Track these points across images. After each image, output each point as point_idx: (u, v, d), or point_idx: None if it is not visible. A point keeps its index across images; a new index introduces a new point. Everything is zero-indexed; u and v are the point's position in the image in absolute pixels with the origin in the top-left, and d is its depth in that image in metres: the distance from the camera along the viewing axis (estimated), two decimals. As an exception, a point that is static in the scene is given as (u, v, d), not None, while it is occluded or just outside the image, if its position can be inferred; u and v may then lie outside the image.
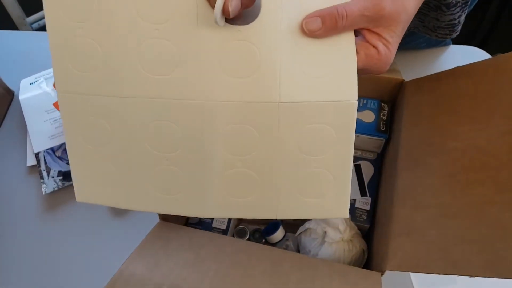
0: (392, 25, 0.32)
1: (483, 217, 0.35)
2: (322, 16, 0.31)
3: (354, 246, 0.47)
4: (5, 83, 0.69)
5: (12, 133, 0.67)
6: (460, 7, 0.55)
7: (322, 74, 0.32)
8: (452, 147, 0.41)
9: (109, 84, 0.33)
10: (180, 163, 0.35)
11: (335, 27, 0.31)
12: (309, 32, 0.32)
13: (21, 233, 0.58)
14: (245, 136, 0.34)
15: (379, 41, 0.33)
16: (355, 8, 0.31)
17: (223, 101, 0.33)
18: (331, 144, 0.34)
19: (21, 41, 0.79)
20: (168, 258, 0.38)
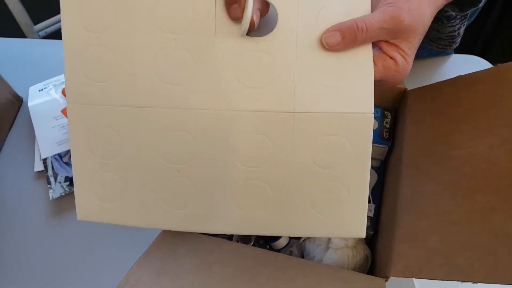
0: (410, 36, 0.33)
1: (486, 224, 0.36)
2: (342, 31, 0.31)
3: (358, 252, 0.48)
4: (14, 90, 0.70)
5: (21, 139, 0.68)
6: (460, 19, 0.56)
7: (338, 86, 0.32)
8: (454, 155, 0.41)
9: (122, 93, 0.33)
10: (191, 175, 0.34)
11: (354, 40, 0.31)
12: (328, 47, 0.32)
13: (28, 237, 0.59)
14: (259, 147, 0.33)
15: (397, 53, 0.33)
16: (374, 21, 0.31)
17: (238, 110, 0.33)
18: (347, 158, 0.33)
19: (29, 49, 0.81)
20: (175, 264, 0.38)
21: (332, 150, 0.33)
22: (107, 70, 0.33)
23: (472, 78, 0.44)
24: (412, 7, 0.32)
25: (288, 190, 0.34)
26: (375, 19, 0.31)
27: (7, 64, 0.70)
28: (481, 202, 0.37)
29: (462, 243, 0.36)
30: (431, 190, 0.41)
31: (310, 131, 0.33)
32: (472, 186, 0.38)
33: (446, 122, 0.44)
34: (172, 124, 0.34)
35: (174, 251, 0.40)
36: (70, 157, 0.64)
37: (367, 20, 0.31)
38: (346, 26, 0.31)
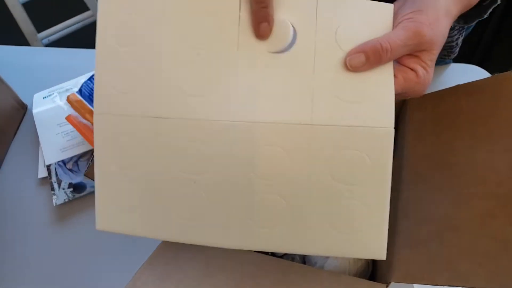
0: (433, 48, 0.33)
1: (485, 229, 0.36)
2: (366, 52, 0.31)
3: (359, 259, 0.48)
4: (19, 97, 0.71)
5: (25, 146, 0.69)
6: (458, 30, 0.57)
7: (357, 100, 0.32)
8: (454, 162, 0.42)
9: (146, 105, 0.34)
10: (207, 187, 0.34)
11: (379, 61, 0.31)
12: (352, 68, 0.32)
13: (31, 243, 0.59)
14: (276, 159, 0.33)
15: (418, 65, 0.33)
16: (398, 40, 0.31)
17: (255, 122, 0.33)
18: (366, 173, 0.33)
19: (34, 57, 0.82)
20: (179, 269, 0.39)
21: (351, 165, 0.33)
22: (132, 82, 0.34)
23: (472, 87, 0.45)
24: (432, 20, 0.32)
25: (305, 205, 0.34)
26: (400, 38, 0.31)
27: (12, 71, 0.71)
28: (481, 208, 0.37)
29: (462, 249, 0.37)
30: (432, 197, 0.42)
31: (328, 145, 0.32)
32: (472, 192, 0.39)
33: (446, 130, 0.44)
34: (190, 135, 0.34)
35: (177, 257, 0.40)
36: (73, 164, 0.65)
37: (392, 40, 0.31)
38: (369, 47, 0.31)
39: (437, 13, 0.33)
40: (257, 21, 0.32)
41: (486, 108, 0.42)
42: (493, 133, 0.40)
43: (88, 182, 0.63)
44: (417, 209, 0.42)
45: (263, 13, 0.32)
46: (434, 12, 0.33)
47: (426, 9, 0.33)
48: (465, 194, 0.39)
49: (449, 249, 0.38)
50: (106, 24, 0.35)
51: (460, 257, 0.37)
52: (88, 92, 0.65)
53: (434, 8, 0.33)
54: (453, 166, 0.42)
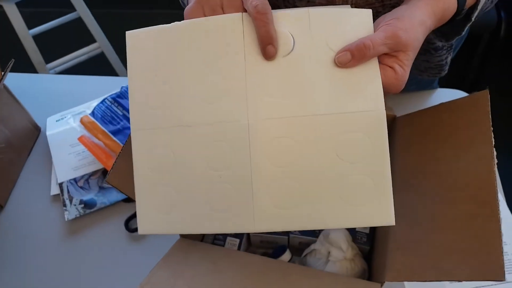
0: (408, 50, 0.39)
1: (468, 229, 0.40)
2: (351, 50, 0.37)
3: (356, 265, 0.51)
4: (34, 120, 0.75)
5: (38, 165, 0.73)
6: (447, 49, 0.63)
7: (351, 90, 0.38)
8: (439, 170, 0.46)
9: (175, 116, 0.40)
10: (232, 179, 0.39)
11: (363, 57, 0.37)
12: (341, 65, 0.38)
13: (44, 255, 0.62)
14: (287, 148, 0.38)
15: (395, 63, 0.39)
16: (378, 39, 0.37)
17: (266, 119, 0.39)
18: (367, 150, 0.38)
19: (45, 83, 0.87)
20: (190, 268, 0.42)
21: (353, 145, 0.38)
22: (161, 99, 0.40)
23: (453, 104, 0.50)
24: (407, 27, 0.39)
25: (317, 185, 0.38)
26: (380, 37, 0.37)
27: (25, 96, 0.75)
28: (464, 210, 0.41)
29: (448, 248, 0.41)
30: (420, 203, 0.46)
31: (331, 130, 0.38)
32: (455, 196, 0.43)
33: (431, 142, 0.49)
34: (213, 136, 0.39)
35: (188, 258, 0.44)
36: (84, 182, 0.69)
37: (373, 39, 0.37)
38: (354, 45, 0.37)
39: (412, 22, 0.39)
40: (263, 44, 0.38)
41: (465, 122, 0.46)
42: (472, 143, 0.44)
43: (98, 199, 0.67)
44: (407, 214, 0.46)
45: (268, 36, 0.37)
46: (409, 21, 0.39)
47: (402, 18, 0.39)
48: (449, 198, 0.43)
49: (436, 248, 0.41)
50: (135, 54, 0.41)
51: (446, 255, 0.40)
52: (101, 114, 0.70)
53: (409, 18, 0.39)
54: (438, 174, 0.46)
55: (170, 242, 0.47)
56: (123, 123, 0.69)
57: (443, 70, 0.67)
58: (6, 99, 0.69)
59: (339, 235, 0.52)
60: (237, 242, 0.56)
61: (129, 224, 0.64)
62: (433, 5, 0.42)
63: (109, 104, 0.71)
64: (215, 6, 0.40)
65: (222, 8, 0.40)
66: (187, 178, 0.40)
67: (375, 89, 0.38)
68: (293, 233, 0.56)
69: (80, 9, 1.37)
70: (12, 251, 0.63)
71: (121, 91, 0.73)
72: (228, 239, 0.56)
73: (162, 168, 0.40)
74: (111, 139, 0.67)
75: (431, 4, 0.42)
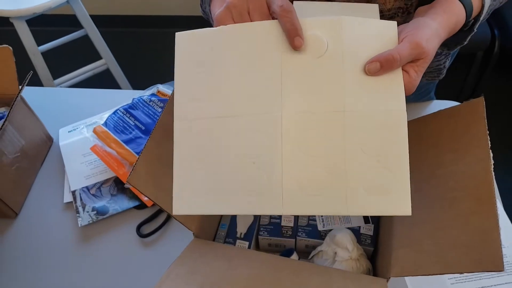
0: (426, 58, 0.43)
1: (468, 225, 0.43)
2: (380, 61, 0.41)
3: (361, 264, 0.54)
4: (47, 131, 0.78)
5: (51, 174, 0.75)
6: (445, 55, 0.68)
7: (376, 92, 0.42)
8: (439, 173, 0.49)
9: (216, 108, 0.44)
10: (264, 166, 0.42)
11: (391, 67, 0.41)
12: (370, 73, 0.42)
13: (58, 261, 0.64)
14: (316, 139, 0.42)
15: (411, 68, 0.43)
16: (405, 52, 0.41)
17: (298, 112, 0.42)
18: (389, 146, 0.41)
19: (56, 96, 0.90)
20: (206, 265, 0.44)
21: (377, 140, 0.41)
22: (205, 92, 0.44)
23: (451, 111, 0.53)
24: (428, 37, 0.43)
25: (342, 175, 0.41)
26: (406, 50, 0.41)
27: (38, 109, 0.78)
28: (464, 209, 0.44)
29: (450, 243, 0.43)
30: (422, 203, 0.48)
31: (358, 125, 0.41)
32: (456, 196, 0.46)
33: (431, 147, 0.52)
34: (249, 126, 0.43)
35: (203, 256, 0.46)
36: (96, 189, 0.71)
37: (400, 51, 0.41)
38: (384, 57, 0.41)
39: (431, 32, 0.44)
40: (290, 36, 0.42)
41: (462, 127, 0.50)
42: (469, 147, 0.47)
43: (111, 206, 0.69)
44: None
45: (294, 28, 0.42)
46: (429, 31, 0.43)
47: (423, 28, 0.43)
48: (449, 199, 0.46)
49: (438, 245, 0.44)
50: (182, 52, 0.45)
51: (448, 250, 0.43)
52: (113, 124, 0.73)
53: (429, 28, 0.44)
54: (438, 176, 0.49)
55: (181, 247, 0.49)
56: (135, 133, 0.72)
57: (441, 74, 0.72)
58: (23, 110, 0.72)
59: (345, 236, 0.54)
60: (246, 244, 0.59)
61: (141, 229, 0.66)
62: (447, 19, 0.46)
63: (121, 114, 0.74)
64: (242, 11, 0.44)
65: (248, 13, 0.44)
66: (223, 164, 0.43)
67: (398, 91, 0.42)
68: (300, 236, 0.58)
69: (88, 27, 1.42)
70: (26, 257, 0.65)
71: (133, 102, 0.76)
72: (237, 242, 0.58)
73: (200, 154, 0.43)
74: (124, 147, 0.70)
75: (446, 18, 0.46)
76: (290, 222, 0.59)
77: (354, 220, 0.59)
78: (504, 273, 0.60)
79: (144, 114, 0.75)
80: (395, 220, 0.51)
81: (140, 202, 0.69)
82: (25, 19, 1.27)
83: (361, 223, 0.59)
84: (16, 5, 1.22)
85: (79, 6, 1.36)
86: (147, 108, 0.75)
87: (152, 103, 0.76)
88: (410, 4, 0.58)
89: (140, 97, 0.77)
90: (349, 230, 0.56)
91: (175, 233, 0.66)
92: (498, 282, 0.59)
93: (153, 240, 0.65)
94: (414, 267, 0.44)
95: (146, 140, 0.46)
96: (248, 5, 0.44)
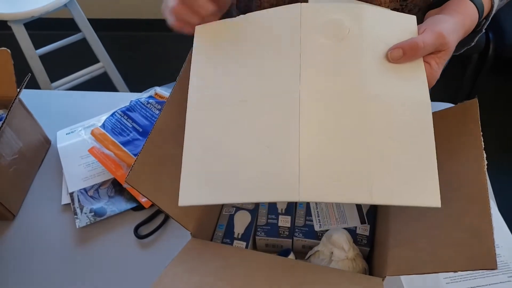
0: (448, 50, 0.43)
1: (461, 224, 0.43)
2: (403, 48, 0.41)
3: (357, 264, 0.54)
4: (45, 133, 0.78)
5: (48, 176, 0.75)
6: None
7: (400, 78, 0.41)
8: (433, 173, 0.50)
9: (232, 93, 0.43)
10: (279, 151, 0.39)
11: (414, 55, 0.41)
12: (393, 60, 0.41)
13: (56, 262, 0.64)
14: (336, 122, 0.40)
15: (433, 60, 0.43)
16: (429, 40, 0.41)
17: (317, 92, 0.41)
18: (415, 134, 0.39)
19: (53, 99, 0.90)
20: (203, 264, 0.45)
21: (402, 127, 0.40)
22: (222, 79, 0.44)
23: (445, 113, 0.53)
24: (450, 31, 0.43)
25: (366, 160, 0.39)
26: (430, 38, 0.41)
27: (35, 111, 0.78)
28: (457, 208, 0.45)
29: (444, 242, 0.44)
30: (417, 203, 0.49)
31: (382, 111, 0.40)
32: (449, 196, 0.46)
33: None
34: (266, 108, 0.42)
35: (200, 255, 0.46)
36: (94, 191, 0.72)
37: (425, 39, 0.41)
38: (407, 44, 0.41)
39: (452, 27, 0.44)
40: None
41: (457, 128, 0.50)
42: (464, 147, 0.48)
43: (108, 207, 0.69)
44: (404, 213, 0.49)
45: None
46: (450, 25, 0.44)
47: (444, 22, 0.44)
48: (443, 198, 0.46)
49: (433, 243, 0.44)
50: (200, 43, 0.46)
51: (442, 248, 0.43)
52: (111, 126, 0.73)
53: (449, 23, 0.44)
54: (432, 176, 0.49)
55: (178, 248, 0.49)
56: (132, 135, 0.72)
57: None
58: (21, 112, 0.72)
59: (341, 236, 0.55)
60: (243, 245, 0.59)
61: (138, 231, 0.67)
62: (463, 19, 0.47)
63: (119, 117, 0.75)
64: None
65: None
66: (235, 151, 0.41)
67: (421, 79, 0.42)
68: (297, 236, 0.59)
69: (85, 30, 1.42)
70: (24, 258, 0.65)
71: (131, 104, 0.76)
72: (235, 242, 0.59)
73: (211, 143, 0.42)
74: (121, 149, 0.70)
75: (463, 19, 0.47)
76: (287, 223, 0.60)
77: (351, 220, 0.60)
78: (499, 273, 0.61)
79: (141, 116, 0.75)
80: (391, 219, 0.51)
81: (137, 204, 0.69)
82: (23, 22, 1.27)
83: (357, 223, 0.59)
84: (14, 8, 1.23)
85: (77, 10, 1.37)
86: (144, 110, 0.76)
87: (149, 105, 0.77)
88: (405, 5, 0.58)
89: (137, 100, 0.77)
90: (345, 231, 0.56)
91: (172, 235, 0.66)
92: (493, 281, 0.59)
93: (151, 241, 0.66)
94: (409, 266, 0.45)
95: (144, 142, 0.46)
96: None
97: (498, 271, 0.61)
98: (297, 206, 0.62)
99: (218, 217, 0.61)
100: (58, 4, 1.27)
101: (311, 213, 0.61)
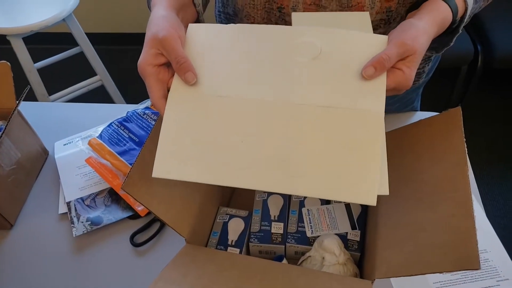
0: (415, 53, 0.47)
1: (447, 227, 0.45)
2: (374, 64, 0.45)
3: (348, 269, 0.56)
4: (43, 144, 0.80)
5: (46, 186, 0.76)
6: (425, 60, 0.72)
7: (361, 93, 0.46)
8: (418, 178, 0.52)
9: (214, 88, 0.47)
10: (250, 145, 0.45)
11: (383, 68, 0.45)
12: (367, 77, 0.45)
13: (53, 271, 0.65)
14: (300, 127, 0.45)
15: (404, 65, 0.47)
16: (393, 51, 0.46)
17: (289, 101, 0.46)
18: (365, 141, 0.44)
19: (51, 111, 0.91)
20: (198, 268, 0.46)
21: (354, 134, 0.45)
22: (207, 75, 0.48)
23: (430, 120, 0.56)
24: (413, 36, 0.47)
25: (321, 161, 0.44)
26: (393, 50, 0.46)
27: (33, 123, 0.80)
28: (443, 211, 0.46)
29: (430, 244, 0.45)
30: (404, 207, 0.51)
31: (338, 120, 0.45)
32: (435, 200, 0.48)
33: (411, 154, 0.55)
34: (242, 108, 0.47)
35: (195, 260, 0.48)
36: (91, 200, 0.73)
37: (389, 53, 0.46)
38: (375, 60, 0.45)
39: (417, 32, 0.48)
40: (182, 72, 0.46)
41: (441, 135, 0.52)
42: (447, 153, 0.50)
43: (105, 216, 0.70)
44: (393, 218, 0.51)
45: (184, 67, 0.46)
46: (414, 32, 0.47)
47: (408, 30, 0.48)
48: (429, 202, 0.48)
49: (420, 246, 0.46)
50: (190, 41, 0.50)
51: (429, 251, 0.45)
52: (108, 137, 0.75)
53: (414, 29, 0.48)
54: (417, 181, 0.51)
55: (174, 255, 0.51)
56: (129, 145, 0.74)
57: (421, 78, 0.77)
58: (20, 124, 0.74)
59: (332, 242, 0.56)
60: (237, 251, 0.60)
61: (134, 239, 0.68)
62: (433, 17, 0.50)
63: (116, 127, 0.76)
64: None
65: None
66: (211, 138, 0.45)
67: (378, 94, 0.46)
68: (290, 242, 0.60)
69: (83, 44, 1.45)
70: (22, 267, 0.65)
71: (127, 115, 0.78)
72: (229, 249, 0.60)
73: (188, 126, 0.46)
74: (118, 159, 0.72)
75: (432, 16, 0.50)
76: (280, 229, 0.61)
77: (342, 226, 0.61)
78: (487, 277, 0.62)
79: (138, 126, 0.77)
80: (380, 224, 0.53)
81: (133, 212, 0.70)
82: (21, 36, 1.29)
83: (348, 229, 0.61)
84: (13, 23, 1.25)
85: (75, 24, 1.39)
86: (141, 121, 0.78)
87: (146, 116, 0.78)
88: (391, 16, 0.61)
89: (134, 111, 0.79)
90: (336, 236, 0.58)
91: (168, 242, 0.67)
92: (482, 285, 0.61)
93: (147, 249, 0.67)
94: (397, 269, 0.46)
95: (140, 151, 0.48)
96: None
97: (487, 275, 0.62)
98: (290, 213, 0.63)
99: (212, 224, 0.63)
100: (57, 18, 1.30)
101: (303, 220, 0.62)
